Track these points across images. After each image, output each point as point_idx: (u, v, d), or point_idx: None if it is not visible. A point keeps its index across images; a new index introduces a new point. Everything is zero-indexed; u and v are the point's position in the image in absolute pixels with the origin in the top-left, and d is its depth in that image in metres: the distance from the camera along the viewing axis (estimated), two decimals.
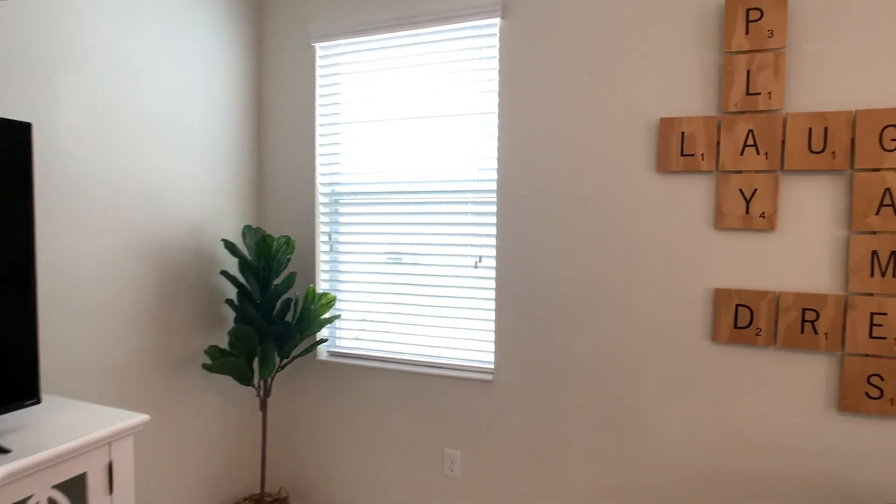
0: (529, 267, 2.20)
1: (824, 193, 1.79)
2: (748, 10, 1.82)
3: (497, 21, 2.21)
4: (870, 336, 1.75)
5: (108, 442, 1.51)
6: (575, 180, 2.11)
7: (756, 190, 1.86)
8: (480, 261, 2.32)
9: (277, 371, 2.40)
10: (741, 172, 1.87)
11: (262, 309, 2.35)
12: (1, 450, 1.32)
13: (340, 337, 2.62)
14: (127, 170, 2.04)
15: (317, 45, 2.54)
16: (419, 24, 2.32)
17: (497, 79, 2.23)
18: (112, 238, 1.99)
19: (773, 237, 1.86)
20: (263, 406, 2.42)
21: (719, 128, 1.89)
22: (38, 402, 1.49)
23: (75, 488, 1.46)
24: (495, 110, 2.25)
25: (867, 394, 1.76)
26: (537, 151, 2.16)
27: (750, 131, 1.85)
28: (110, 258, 1.98)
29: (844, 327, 1.78)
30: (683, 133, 1.94)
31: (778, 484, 1.89)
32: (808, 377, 1.84)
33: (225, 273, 2.29)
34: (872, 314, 1.74)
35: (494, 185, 2.26)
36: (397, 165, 2.44)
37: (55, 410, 1.61)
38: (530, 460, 2.23)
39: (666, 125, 1.96)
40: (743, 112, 1.86)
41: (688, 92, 1.94)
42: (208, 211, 2.41)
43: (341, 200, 2.58)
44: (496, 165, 2.24)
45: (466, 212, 2.33)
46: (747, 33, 1.83)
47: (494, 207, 2.27)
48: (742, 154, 1.87)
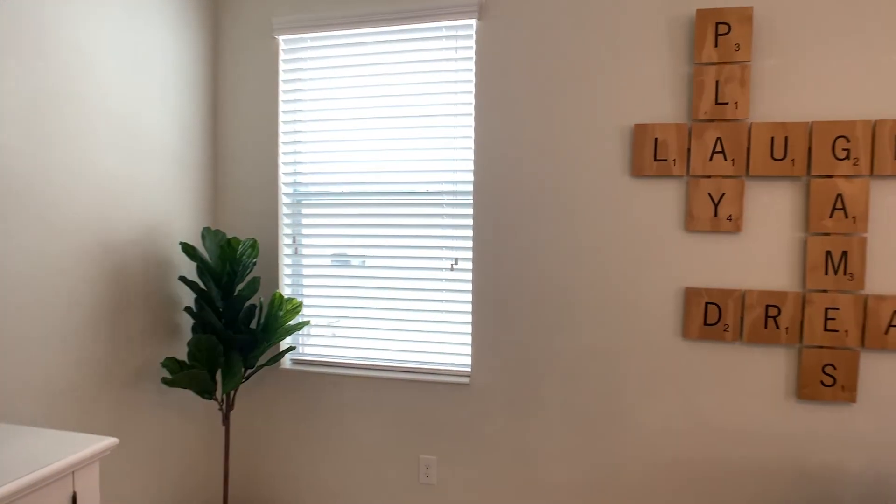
0: (506, 269, 2.21)
1: (784, 198, 1.93)
2: (717, 24, 1.93)
3: (473, 22, 2.20)
4: (824, 329, 1.90)
5: (72, 471, 1.35)
6: (552, 183, 2.14)
7: (724, 194, 1.97)
8: (457, 263, 2.30)
9: (242, 382, 2.26)
10: (710, 177, 1.98)
11: (226, 316, 2.20)
12: None
13: (305, 344, 2.51)
14: (74, 166, 1.83)
15: (280, 38, 2.42)
16: (392, 22, 2.26)
17: (473, 80, 2.22)
18: (57, 241, 1.78)
19: (739, 238, 1.98)
20: (226, 420, 2.27)
21: (690, 135, 1.99)
22: None
23: None
24: (471, 112, 2.24)
25: (822, 382, 1.91)
26: (514, 154, 2.18)
27: (718, 139, 1.96)
28: (54, 263, 1.78)
29: (802, 322, 1.92)
30: (657, 139, 2.02)
31: (745, 469, 2.01)
32: (771, 369, 1.97)
33: (184, 279, 2.13)
34: (826, 309, 1.90)
35: (470, 188, 2.25)
36: (368, 166, 2.37)
37: (2, 440, 1.42)
38: (508, 462, 2.24)
39: (640, 131, 2.03)
40: (712, 120, 1.97)
41: (661, 100, 2.02)
42: (161, 211, 2.23)
43: (307, 201, 2.47)
44: (472, 167, 2.23)
45: (441, 214, 2.30)
46: (716, 46, 1.93)
47: (470, 209, 2.26)
48: (711, 160, 1.97)
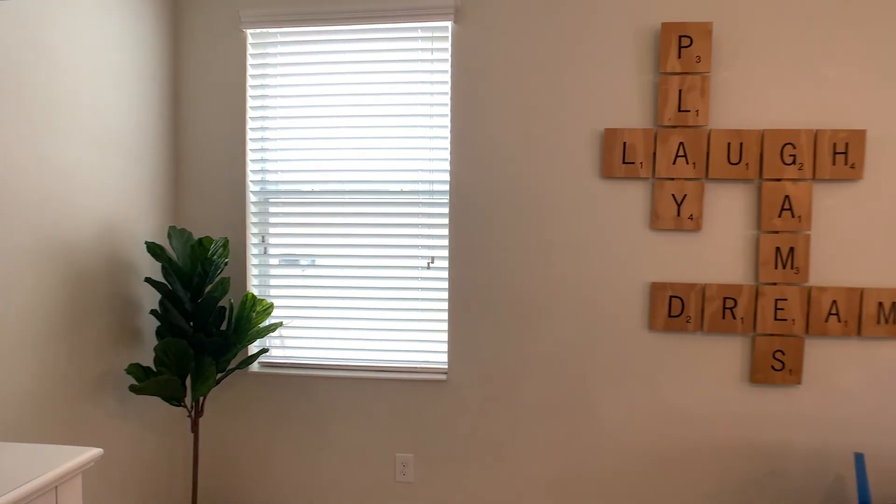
0: (482, 267, 2.26)
1: (739, 199, 2.11)
2: (680, 37, 2.07)
3: (449, 25, 2.24)
4: (774, 319, 2.09)
5: (55, 486, 1.26)
6: (526, 183, 2.22)
7: (686, 195, 2.12)
8: (433, 261, 2.33)
9: (214, 387, 2.18)
10: (673, 179, 2.12)
11: (195, 319, 2.11)
12: None
13: (276, 346, 2.45)
14: (26, 161, 1.70)
15: (248, 32, 2.35)
16: (367, 20, 2.26)
17: (449, 82, 2.26)
18: (7, 242, 1.65)
19: (700, 236, 2.14)
20: (195, 427, 2.17)
21: (656, 139, 2.12)
22: None
23: None
24: (447, 113, 2.27)
25: (773, 367, 2.10)
26: (490, 155, 2.23)
27: (681, 143, 2.11)
28: (5, 266, 1.64)
29: (756, 312, 2.11)
30: (625, 143, 2.14)
31: (706, 450, 2.17)
32: (728, 356, 2.14)
33: (150, 280, 2.02)
34: (776, 300, 2.09)
35: (446, 187, 2.29)
36: (341, 164, 2.35)
37: None
38: (484, 456, 2.29)
39: (610, 135, 2.14)
40: (675, 126, 2.11)
41: (629, 106, 2.15)
42: (119, 210, 2.10)
43: (276, 199, 2.41)
44: (448, 167, 2.27)
45: (418, 213, 2.32)
46: (679, 57, 2.08)
47: (446, 209, 2.29)
48: (674, 163, 2.12)
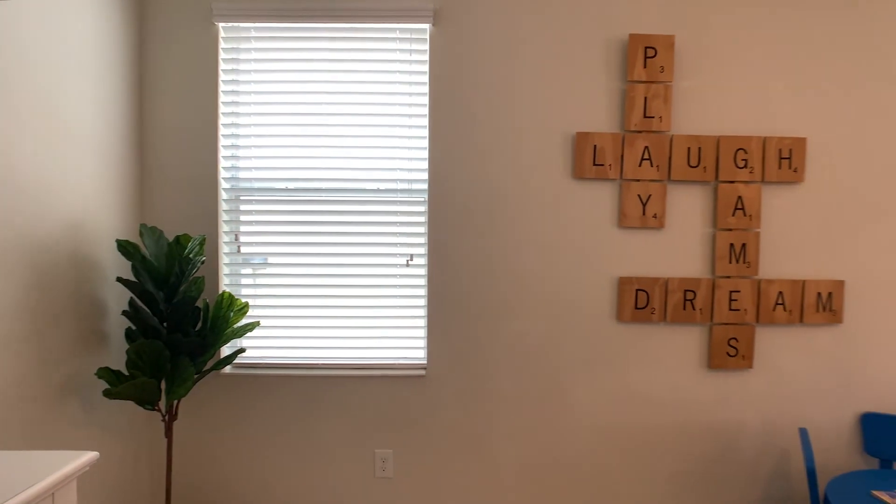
0: (460, 264, 2.32)
1: (698, 199, 2.29)
2: (646, 48, 2.23)
3: (427, 27, 2.29)
4: (729, 309, 2.29)
5: (52, 493, 1.21)
6: (502, 183, 2.31)
7: (650, 196, 2.28)
8: (412, 259, 2.37)
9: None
10: (639, 181, 2.28)
11: (171, 319, 2.05)
12: None
13: (251, 347, 2.40)
14: None
15: (220, 25, 2.30)
16: (345, 19, 2.27)
17: (427, 82, 2.31)
18: None
19: (663, 234, 2.31)
20: (169, 431, 2.11)
21: (623, 143, 2.27)
22: None
23: None
24: (425, 113, 2.32)
25: (728, 353, 2.30)
26: (467, 155, 2.30)
27: (646, 147, 2.26)
28: None
29: (713, 303, 2.29)
30: (595, 146, 2.27)
31: (669, 431, 2.34)
32: (688, 344, 2.32)
33: (124, 280, 1.94)
34: (731, 292, 2.29)
35: (424, 186, 2.33)
36: (318, 162, 2.35)
37: None
38: (463, 448, 2.36)
39: (582, 138, 2.27)
40: (641, 131, 2.27)
41: (599, 111, 2.28)
42: (85, 208, 2.00)
43: (249, 197, 2.37)
44: (427, 167, 2.32)
45: (396, 211, 2.35)
46: (645, 67, 2.23)
47: (424, 207, 2.34)
48: (640, 166, 2.27)
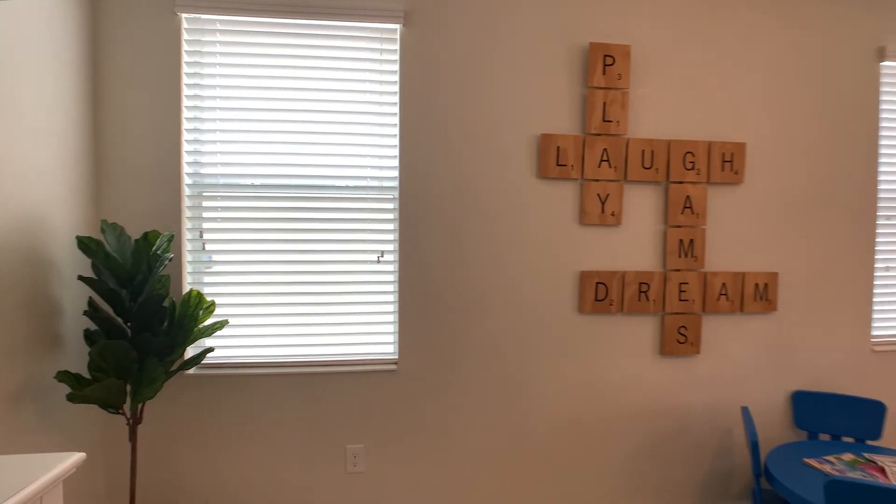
0: (430, 260, 2.38)
1: (651, 198, 2.47)
2: (605, 56, 2.38)
3: (398, 27, 2.33)
4: (679, 300, 2.49)
5: (40, 496, 1.16)
6: (470, 181, 2.39)
7: (608, 195, 2.43)
8: (383, 255, 2.40)
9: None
10: (598, 181, 2.43)
11: (136, 319, 1.97)
12: None
13: (219, 346, 2.34)
14: None
15: (183, 16, 2.23)
16: (315, 15, 2.27)
17: (398, 82, 2.35)
18: None
19: (620, 230, 2.47)
20: (133, 435, 2.02)
21: (584, 145, 2.41)
22: None
23: None
24: (396, 112, 2.36)
25: (678, 340, 2.49)
26: (437, 154, 2.36)
27: (605, 149, 2.41)
28: None
29: (664, 295, 2.48)
30: (559, 147, 2.40)
31: (626, 414, 2.51)
32: (643, 333, 2.50)
33: (86, 278, 1.85)
34: (680, 284, 2.48)
35: (394, 183, 2.37)
36: (287, 158, 2.33)
37: None
38: (434, 440, 2.42)
39: (546, 140, 2.39)
40: (600, 134, 2.42)
41: (562, 114, 2.41)
42: (37, 203, 1.90)
43: (213, 193, 2.31)
44: (397, 164, 2.36)
45: (367, 208, 2.38)
46: (604, 74, 2.39)
47: (394, 204, 2.38)
48: (599, 166, 2.42)
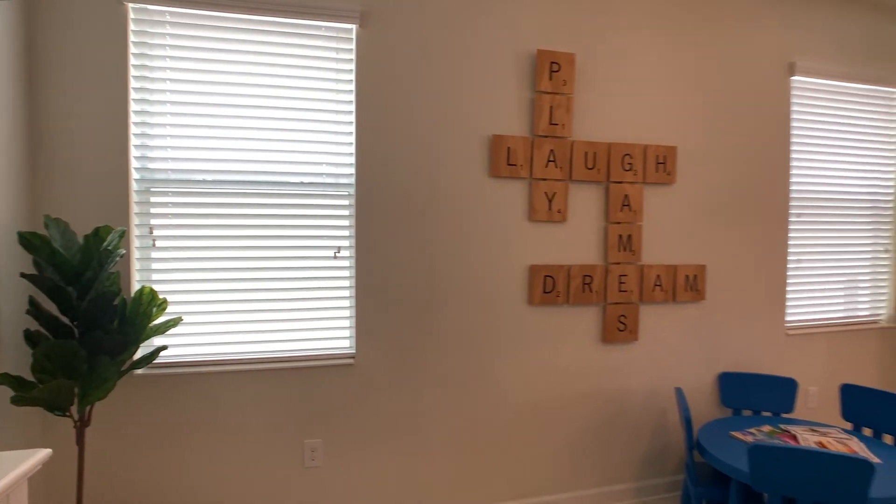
0: (386, 255, 2.44)
1: (593, 197, 2.65)
2: (551, 63, 2.53)
3: (354, 28, 2.37)
4: (619, 290, 2.67)
5: (7, 494, 1.14)
6: (425, 179, 2.47)
7: (555, 193, 2.58)
8: (339, 251, 2.43)
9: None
10: (546, 180, 2.57)
11: (85, 317, 1.91)
12: None
13: (171, 345, 2.29)
14: None
15: (129, 6, 2.18)
16: (270, 12, 2.28)
17: (353, 80, 2.39)
18: None
19: (565, 227, 2.63)
20: (81, 438, 1.96)
21: (532, 146, 2.55)
22: None
23: None
24: (352, 110, 2.40)
25: (618, 328, 2.68)
26: (392, 153, 2.43)
27: (552, 150, 2.56)
28: None
29: (606, 286, 2.66)
30: (509, 148, 2.52)
31: (574, 398, 2.67)
32: (587, 322, 2.67)
33: (29, 275, 1.78)
34: (620, 276, 2.67)
35: (351, 180, 2.41)
36: (241, 154, 2.32)
37: None
38: (392, 432, 2.48)
39: (497, 140, 2.51)
40: (547, 136, 2.56)
41: (512, 116, 2.54)
42: None
43: (164, 189, 2.27)
44: (353, 162, 2.40)
45: (322, 204, 2.40)
46: (550, 79, 2.53)
47: (350, 201, 2.42)
48: (546, 167, 2.57)
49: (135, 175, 2.23)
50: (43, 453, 1.22)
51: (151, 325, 2.09)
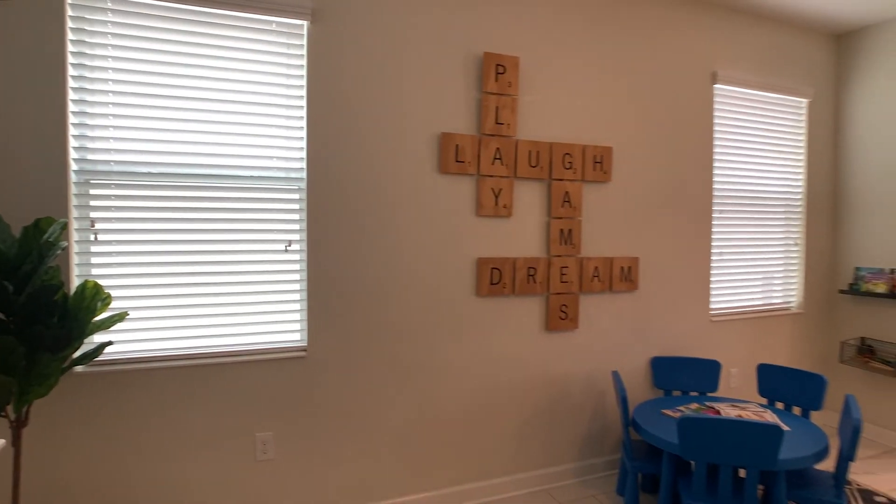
0: (337, 249, 2.48)
1: (537, 193, 2.79)
2: (497, 65, 2.65)
3: (305, 24, 2.40)
4: (560, 281, 2.83)
5: None
6: (376, 175, 2.53)
7: (501, 189, 2.70)
8: (290, 245, 2.45)
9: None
10: (492, 177, 2.69)
11: (25, 311, 1.85)
12: None
13: (113, 340, 2.23)
14: None
15: None
16: (218, 5, 2.27)
17: (304, 76, 2.41)
18: None
19: (511, 221, 2.75)
20: (17, 440, 1.89)
21: (480, 144, 2.66)
22: None
23: None
24: (303, 105, 2.43)
25: (560, 317, 2.84)
26: (344, 147, 2.47)
27: (498, 148, 2.68)
28: None
29: (549, 277, 2.81)
30: (457, 145, 2.62)
31: (519, 383, 2.80)
32: (532, 311, 2.81)
33: None
34: (561, 268, 2.83)
35: (301, 175, 2.43)
36: (187, 147, 2.30)
37: None
38: (345, 423, 2.52)
39: (446, 138, 2.60)
40: (493, 135, 2.68)
41: (460, 115, 2.63)
42: None
43: (106, 181, 2.21)
44: (304, 156, 2.42)
45: (272, 198, 2.41)
46: (496, 81, 2.65)
47: (301, 195, 2.44)
48: (493, 164, 2.68)
49: (73, 166, 2.16)
50: None
51: (95, 321, 2.04)
